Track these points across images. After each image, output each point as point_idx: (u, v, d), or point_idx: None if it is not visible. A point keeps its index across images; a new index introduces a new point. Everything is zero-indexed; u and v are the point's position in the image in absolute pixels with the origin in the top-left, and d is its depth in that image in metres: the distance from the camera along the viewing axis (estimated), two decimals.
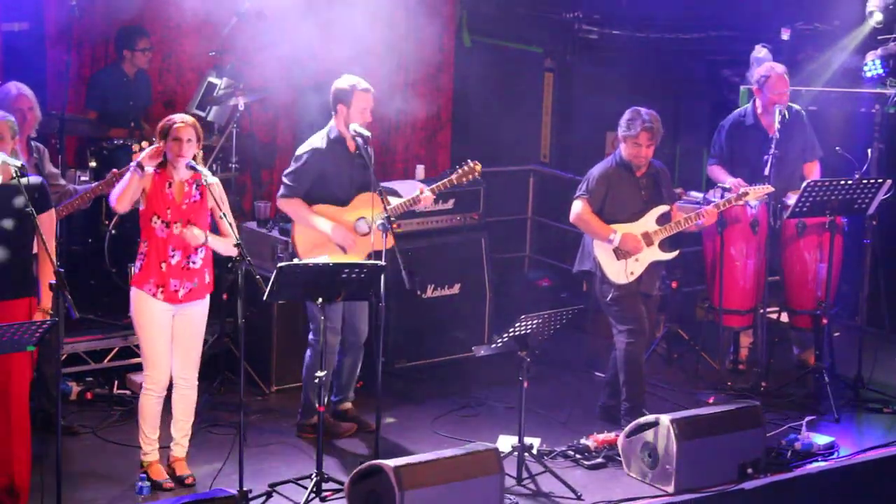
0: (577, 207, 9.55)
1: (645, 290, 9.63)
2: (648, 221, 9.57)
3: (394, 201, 9.08)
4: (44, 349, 8.51)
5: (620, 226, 9.48)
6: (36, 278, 7.91)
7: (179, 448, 8.65)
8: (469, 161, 9.32)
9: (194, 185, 8.42)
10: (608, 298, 9.55)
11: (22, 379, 7.93)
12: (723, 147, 10.62)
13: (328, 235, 9.03)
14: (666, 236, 9.60)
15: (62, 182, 9.13)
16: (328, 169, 9.10)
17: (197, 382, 8.63)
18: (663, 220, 9.61)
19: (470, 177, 9.32)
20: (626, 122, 9.49)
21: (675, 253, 9.71)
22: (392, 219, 8.82)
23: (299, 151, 9.17)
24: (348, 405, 9.45)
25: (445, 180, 9.30)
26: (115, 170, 9.15)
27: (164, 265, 8.34)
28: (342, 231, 9.04)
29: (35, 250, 7.89)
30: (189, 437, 8.69)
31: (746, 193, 9.84)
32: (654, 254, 9.57)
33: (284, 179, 9.16)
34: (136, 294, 8.41)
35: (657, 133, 9.47)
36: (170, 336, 8.45)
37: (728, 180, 10.26)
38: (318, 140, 9.16)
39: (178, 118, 8.39)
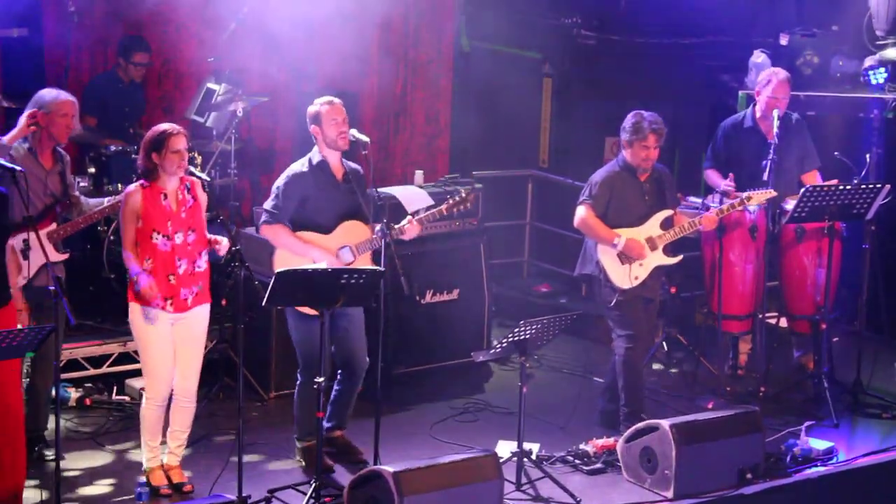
0: (581, 212, 9.54)
1: (648, 294, 9.63)
2: (652, 226, 9.56)
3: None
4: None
5: (625, 230, 9.48)
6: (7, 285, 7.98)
7: (173, 457, 8.63)
8: (461, 191, 9.17)
9: (186, 190, 8.40)
10: (611, 303, 9.55)
11: (15, 385, 7.95)
12: (719, 149, 10.64)
13: (314, 258, 8.78)
14: (670, 241, 9.60)
15: (76, 193, 9.09)
16: (310, 194, 8.85)
17: (196, 394, 8.62)
18: (667, 224, 9.61)
19: (461, 207, 9.11)
20: (632, 126, 9.47)
21: (679, 258, 9.70)
22: (391, 224, 8.78)
23: (279, 179, 8.94)
24: (340, 433, 9.24)
25: (434, 210, 9.11)
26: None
27: (172, 277, 8.28)
28: (326, 256, 8.81)
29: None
30: (184, 447, 8.68)
31: (749, 198, 9.83)
32: (659, 258, 9.57)
33: (266, 207, 8.89)
34: (137, 309, 8.34)
35: (663, 134, 9.49)
36: (172, 348, 8.42)
37: (722, 183, 10.26)
38: (298, 165, 8.95)
39: (170, 128, 8.28)
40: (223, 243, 8.37)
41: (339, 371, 9.08)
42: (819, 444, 9.39)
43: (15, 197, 8.13)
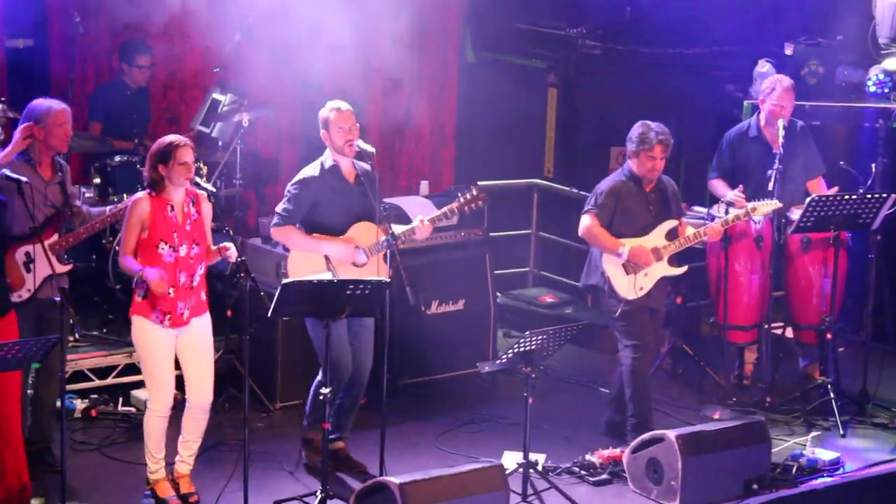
0: (586, 222, 9.54)
1: (653, 305, 9.62)
2: (657, 236, 9.56)
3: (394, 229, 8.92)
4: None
5: (629, 240, 9.47)
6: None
7: (184, 466, 8.60)
8: (473, 188, 9.15)
9: (191, 203, 8.39)
10: (616, 313, 9.54)
11: (15, 396, 7.96)
12: (725, 160, 10.63)
13: (327, 252, 8.83)
14: (675, 251, 9.59)
15: (78, 203, 9.10)
16: (322, 198, 8.88)
17: (210, 406, 8.56)
18: (672, 235, 9.60)
19: (473, 205, 9.09)
20: (639, 136, 9.47)
21: (685, 268, 9.70)
22: (396, 235, 8.78)
23: (291, 183, 8.98)
24: (341, 444, 9.20)
25: (446, 208, 9.09)
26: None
27: (171, 290, 8.26)
28: (342, 246, 8.85)
29: None
30: (195, 457, 8.65)
31: (754, 209, 9.83)
32: (664, 269, 9.56)
33: (277, 210, 8.94)
34: (139, 321, 8.32)
35: (670, 145, 9.49)
36: (173, 358, 8.40)
37: (729, 194, 10.25)
38: (311, 169, 8.96)
39: (177, 140, 8.26)
40: (231, 249, 8.36)
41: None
42: (825, 455, 9.37)
43: (19, 208, 8.14)
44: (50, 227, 8.67)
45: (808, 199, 9.96)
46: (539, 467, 8.96)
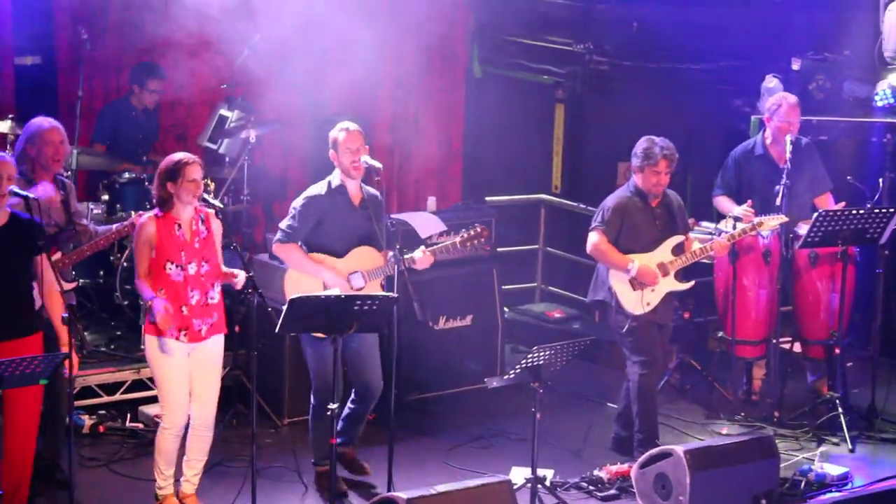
0: (594, 238, 9.53)
1: (660, 320, 9.62)
2: (664, 251, 9.56)
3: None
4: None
5: (636, 256, 9.47)
6: (40, 315, 7.93)
7: (189, 486, 8.58)
8: (477, 226, 9.18)
9: (200, 221, 8.38)
10: (623, 329, 9.53)
11: (33, 410, 7.95)
12: (730, 178, 10.64)
13: (324, 279, 8.82)
14: (681, 266, 9.59)
15: (85, 222, 9.09)
16: (326, 217, 8.89)
17: (213, 424, 8.56)
18: (678, 250, 9.60)
19: (476, 241, 9.10)
20: (644, 151, 9.48)
21: (691, 283, 9.69)
22: (405, 250, 8.78)
23: (297, 199, 8.97)
24: (347, 450, 9.20)
25: (448, 243, 9.11)
26: (140, 213, 8.99)
27: (185, 308, 8.24)
28: (337, 278, 8.84)
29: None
30: (200, 476, 8.63)
31: (761, 223, 9.83)
32: (670, 284, 9.56)
33: (281, 226, 8.94)
34: (152, 341, 8.30)
35: (674, 160, 9.49)
36: (188, 377, 8.38)
37: (736, 209, 10.25)
38: (317, 188, 8.97)
39: (186, 158, 8.25)
40: (240, 277, 8.35)
41: (353, 391, 9.06)
42: (834, 470, 9.36)
43: None
44: (53, 245, 8.66)
45: (816, 214, 9.96)
46: (547, 482, 8.95)
